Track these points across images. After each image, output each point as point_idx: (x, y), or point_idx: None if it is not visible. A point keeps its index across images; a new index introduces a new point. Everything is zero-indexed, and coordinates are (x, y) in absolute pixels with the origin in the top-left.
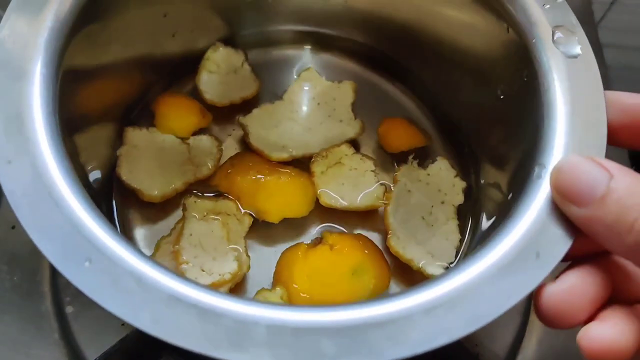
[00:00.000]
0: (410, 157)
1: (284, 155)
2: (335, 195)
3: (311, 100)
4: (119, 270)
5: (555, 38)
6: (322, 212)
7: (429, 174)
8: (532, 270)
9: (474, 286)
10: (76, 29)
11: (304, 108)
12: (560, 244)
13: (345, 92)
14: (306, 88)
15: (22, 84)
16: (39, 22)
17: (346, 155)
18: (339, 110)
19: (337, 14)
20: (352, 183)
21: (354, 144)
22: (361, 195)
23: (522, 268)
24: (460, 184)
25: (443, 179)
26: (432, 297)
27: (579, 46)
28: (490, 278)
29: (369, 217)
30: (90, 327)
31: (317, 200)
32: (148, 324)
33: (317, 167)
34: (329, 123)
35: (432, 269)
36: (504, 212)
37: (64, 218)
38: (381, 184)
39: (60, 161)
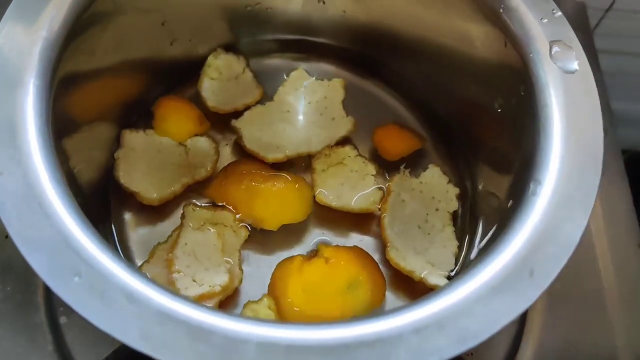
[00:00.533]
0: (402, 167)
1: (280, 156)
2: (332, 194)
3: (302, 99)
4: (108, 285)
5: (552, 52)
6: (319, 217)
7: (421, 182)
8: (525, 288)
9: (466, 305)
10: (71, 38)
11: (296, 108)
12: (555, 262)
13: (335, 89)
14: (296, 88)
15: (15, 94)
16: (33, 31)
17: (349, 156)
18: (330, 108)
19: (336, 24)
20: (351, 184)
21: None
22: (357, 196)
23: (515, 286)
24: (454, 190)
25: (436, 186)
26: (423, 316)
27: (577, 61)
28: (483, 297)
29: (366, 221)
30: (85, 338)
31: (314, 207)
32: (137, 340)
33: (318, 165)
34: (321, 121)
35: (434, 279)
36: (503, 220)
37: (54, 231)
38: (379, 189)
39: (52, 173)
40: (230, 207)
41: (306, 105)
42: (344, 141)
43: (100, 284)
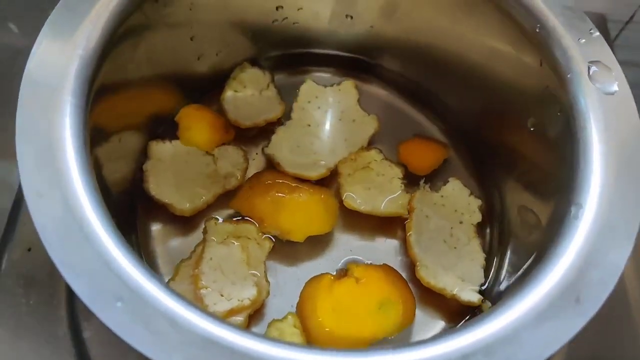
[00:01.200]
0: (422, 182)
1: (323, 171)
2: (359, 199)
3: (317, 110)
4: (151, 311)
5: (590, 73)
6: (344, 222)
7: (442, 196)
8: (572, 315)
9: (512, 332)
10: (106, 54)
11: (315, 119)
12: (601, 288)
13: (347, 91)
14: (309, 100)
15: (52, 115)
16: (69, 49)
17: (375, 160)
18: (348, 111)
19: (363, 39)
20: (378, 188)
21: None
22: (385, 200)
23: (561, 313)
24: (476, 202)
25: (458, 199)
26: (469, 343)
27: (616, 82)
28: (529, 323)
29: (391, 224)
30: (108, 352)
31: (339, 216)
32: None
33: (344, 169)
34: (342, 125)
35: (467, 295)
36: (542, 242)
37: (95, 254)
38: (406, 192)
39: (91, 195)
40: (256, 219)
41: (323, 114)
42: (369, 145)
43: (142, 309)
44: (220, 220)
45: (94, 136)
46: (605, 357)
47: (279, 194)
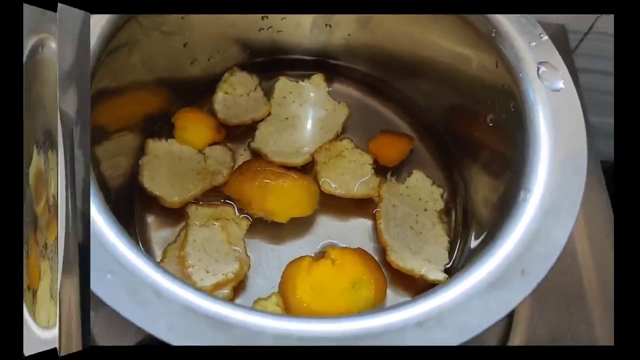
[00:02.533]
0: (389, 175)
1: (307, 157)
2: (335, 183)
3: (293, 103)
4: (138, 282)
5: (539, 73)
6: (322, 204)
7: (407, 187)
8: (517, 286)
9: (464, 300)
10: (103, 59)
11: (291, 113)
12: (544, 262)
13: (317, 84)
14: (284, 96)
15: None
16: None
17: (347, 148)
18: (319, 103)
19: (340, 46)
20: (350, 174)
21: None
22: (357, 184)
23: (508, 284)
24: (438, 191)
25: (421, 188)
26: (424, 310)
27: (562, 80)
28: (479, 293)
29: (364, 205)
30: (108, 330)
31: (319, 201)
32: (164, 332)
33: (320, 158)
34: (317, 115)
35: (434, 274)
36: (496, 223)
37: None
38: (376, 176)
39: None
40: (245, 202)
41: (299, 107)
42: (343, 131)
43: (130, 281)
44: (201, 204)
45: (96, 134)
46: (562, 335)
47: (266, 180)
